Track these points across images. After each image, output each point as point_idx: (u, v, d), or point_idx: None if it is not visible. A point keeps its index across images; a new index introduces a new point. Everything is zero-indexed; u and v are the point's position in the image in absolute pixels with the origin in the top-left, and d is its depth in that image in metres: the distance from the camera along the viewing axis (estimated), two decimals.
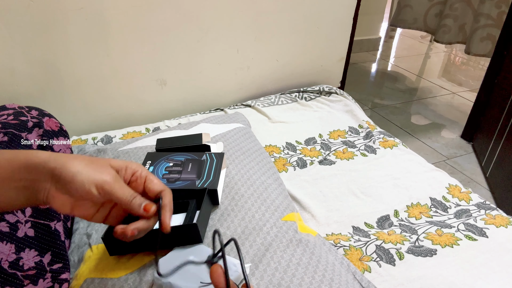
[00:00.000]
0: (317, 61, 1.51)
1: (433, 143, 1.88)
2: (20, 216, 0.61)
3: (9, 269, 0.57)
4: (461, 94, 2.40)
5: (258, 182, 0.79)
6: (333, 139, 1.16)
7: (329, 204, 0.90)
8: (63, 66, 1.08)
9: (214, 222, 0.68)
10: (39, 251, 0.62)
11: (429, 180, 0.98)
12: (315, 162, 1.05)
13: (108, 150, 0.91)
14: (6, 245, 0.58)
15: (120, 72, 1.17)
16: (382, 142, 1.14)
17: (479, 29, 1.96)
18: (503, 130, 1.50)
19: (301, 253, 0.64)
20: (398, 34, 3.55)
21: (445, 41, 2.20)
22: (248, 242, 0.64)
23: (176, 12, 1.15)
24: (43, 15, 1.00)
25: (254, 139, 0.99)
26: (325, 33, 1.45)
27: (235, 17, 1.25)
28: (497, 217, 0.85)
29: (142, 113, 1.28)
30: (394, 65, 2.87)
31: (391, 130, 1.96)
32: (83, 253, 0.67)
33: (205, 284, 0.52)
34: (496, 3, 1.88)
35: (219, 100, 1.39)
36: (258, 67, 1.40)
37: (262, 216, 0.70)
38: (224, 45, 1.29)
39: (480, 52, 1.99)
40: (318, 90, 1.43)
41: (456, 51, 3.15)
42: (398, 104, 2.26)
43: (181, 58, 1.24)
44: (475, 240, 0.79)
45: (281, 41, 1.38)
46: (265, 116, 1.28)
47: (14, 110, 0.74)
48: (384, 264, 0.73)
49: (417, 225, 0.84)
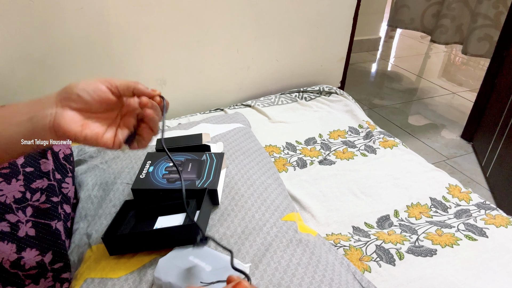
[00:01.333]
0: (317, 61, 1.51)
1: (433, 143, 1.88)
2: (21, 216, 0.61)
3: (11, 269, 0.57)
4: (461, 94, 2.40)
5: (258, 182, 0.79)
6: (333, 139, 1.16)
7: (329, 204, 0.90)
8: (63, 66, 1.08)
9: (214, 222, 0.68)
10: (40, 250, 0.62)
11: (429, 180, 0.98)
12: (315, 162, 1.05)
13: (108, 150, 0.91)
14: (7, 244, 0.58)
15: (120, 72, 1.17)
16: (382, 142, 1.14)
17: (476, 29, 1.96)
18: (503, 130, 1.50)
19: (301, 253, 0.64)
20: (398, 34, 3.55)
21: (442, 41, 2.19)
22: (248, 242, 0.64)
23: (176, 12, 1.15)
24: (43, 15, 1.00)
25: (254, 139, 0.99)
26: (325, 33, 1.45)
27: (235, 17, 1.25)
28: (497, 217, 0.85)
29: None
30: (394, 65, 2.87)
31: (391, 130, 1.96)
32: (83, 253, 0.67)
33: (205, 284, 0.52)
34: (493, 3, 1.88)
35: (219, 100, 1.39)
36: (258, 67, 1.40)
37: (262, 216, 0.70)
38: (224, 45, 1.29)
39: (478, 53, 1.99)
40: (318, 90, 1.44)
41: (456, 51, 3.15)
42: (398, 104, 2.26)
43: (181, 58, 1.24)
44: (475, 240, 0.79)
45: (281, 41, 1.38)
46: (265, 116, 1.28)
47: None
48: (384, 264, 0.73)
49: (417, 225, 0.84)
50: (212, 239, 0.52)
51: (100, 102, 0.45)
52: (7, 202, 0.60)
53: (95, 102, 0.44)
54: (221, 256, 0.58)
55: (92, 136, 0.44)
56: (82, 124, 0.44)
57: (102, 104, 0.45)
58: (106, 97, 0.45)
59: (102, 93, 0.44)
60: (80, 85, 0.44)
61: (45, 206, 0.65)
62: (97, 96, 0.44)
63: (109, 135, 0.47)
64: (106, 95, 0.45)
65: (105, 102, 0.45)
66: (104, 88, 0.45)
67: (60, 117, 0.42)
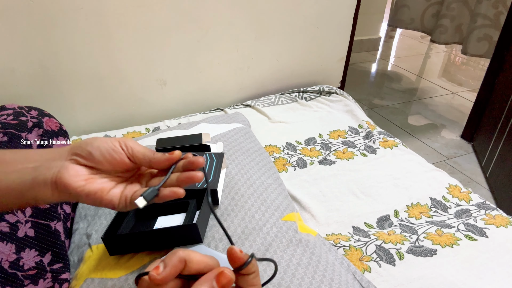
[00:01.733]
0: (317, 61, 1.51)
1: (433, 143, 1.88)
2: (20, 216, 0.61)
3: (10, 269, 0.57)
4: (461, 94, 2.40)
5: (258, 182, 0.79)
6: (333, 139, 1.16)
7: (329, 204, 0.90)
8: (63, 66, 1.08)
9: (214, 222, 0.68)
10: (39, 251, 0.62)
11: (429, 180, 0.98)
12: (315, 162, 1.05)
13: None
14: (7, 245, 0.58)
15: (120, 72, 1.17)
16: (382, 142, 1.14)
17: (476, 29, 1.96)
18: (503, 130, 1.50)
19: (301, 253, 0.64)
20: (398, 34, 3.55)
21: (441, 41, 2.19)
22: (248, 242, 0.64)
23: (176, 12, 1.15)
24: (43, 15, 1.00)
25: (254, 139, 0.99)
26: (325, 33, 1.45)
27: (235, 17, 1.25)
28: (497, 217, 0.85)
29: (142, 113, 1.28)
30: (394, 65, 2.87)
31: (391, 130, 1.96)
32: (83, 253, 0.67)
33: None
34: (493, 3, 1.88)
35: (219, 100, 1.39)
36: (258, 67, 1.40)
37: (262, 216, 0.70)
38: (224, 45, 1.29)
39: (477, 53, 1.99)
40: (318, 90, 1.44)
41: (456, 51, 3.15)
42: (398, 104, 2.26)
43: (181, 58, 1.24)
44: (475, 240, 0.79)
45: (281, 41, 1.38)
46: (265, 116, 1.28)
47: (14, 110, 0.74)
48: (384, 264, 0.73)
49: (417, 225, 0.84)
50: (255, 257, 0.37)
51: (112, 164, 0.41)
52: None
53: (107, 163, 0.41)
54: (221, 255, 0.58)
55: (97, 192, 0.39)
56: (87, 179, 0.40)
57: (115, 166, 0.41)
58: (120, 160, 0.41)
59: (116, 155, 0.40)
60: (96, 142, 0.40)
61: (44, 206, 0.65)
62: (110, 156, 0.40)
63: (117, 191, 0.41)
64: (120, 157, 0.41)
65: (118, 165, 0.41)
66: (120, 149, 0.41)
67: (64, 170, 0.38)
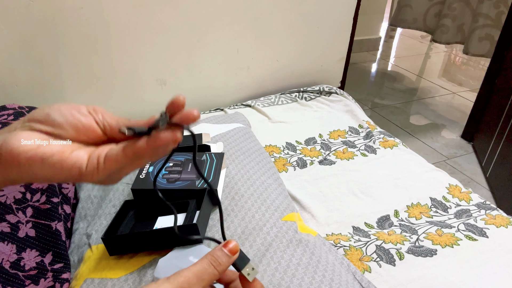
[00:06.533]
0: (317, 61, 1.51)
1: (433, 143, 1.88)
2: (21, 216, 0.61)
3: (11, 270, 0.57)
4: (461, 94, 2.40)
5: (258, 182, 0.79)
6: (333, 139, 1.16)
7: (329, 204, 0.90)
8: (63, 66, 1.08)
9: (214, 222, 0.68)
10: (40, 251, 0.62)
11: (429, 180, 0.98)
12: (315, 162, 1.05)
13: None
14: (7, 245, 0.58)
15: (120, 72, 1.17)
16: (382, 142, 1.14)
17: (477, 29, 1.96)
18: (503, 130, 1.50)
19: (301, 253, 0.64)
20: (398, 34, 3.54)
21: (443, 41, 2.20)
22: (248, 242, 0.64)
23: (176, 12, 1.15)
24: (43, 15, 0.99)
25: (254, 139, 0.99)
26: (325, 33, 1.45)
27: (235, 17, 1.25)
28: (497, 217, 0.85)
29: (142, 113, 1.28)
30: (394, 65, 2.87)
31: (391, 130, 1.96)
32: (83, 253, 0.67)
33: None
34: (494, 3, 1.88)
35: (219, 100, 1.39)
36: (258, 67, 1.40)
37: (262, 216, 0.70)
38: (224, 45, 1.29)
39: (479, 52, 1.99)
40: (318, 90, 1.44)
41: (456, 51, 3.15)
42: (398, 104, 2.26)
43: (181, 58, 1.24)
44: (475, 240, 0.79)
45: (281, 41, 1.38)
46: (265, 116, 1.28)
47: (14, 110, 0.74)
48: (384, 264, 0.73)
49: (417, 225, 0.84)
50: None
51: (77, 129, 0.32)
52: (7, 203, 0.60)
53: (70, 127, 0.32)
54: None
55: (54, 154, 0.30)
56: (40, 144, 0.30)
57: (80, 133, 0.33)
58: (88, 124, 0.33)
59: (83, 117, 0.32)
60: (57, 105, 0.32)
61: (45, 207, 0.65)
62: (73, 118, 0.32)
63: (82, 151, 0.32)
64: (88, 121, 0.33)
65: (85, 132, 0.33)
66: (86, 112, 0.33)
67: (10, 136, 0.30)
